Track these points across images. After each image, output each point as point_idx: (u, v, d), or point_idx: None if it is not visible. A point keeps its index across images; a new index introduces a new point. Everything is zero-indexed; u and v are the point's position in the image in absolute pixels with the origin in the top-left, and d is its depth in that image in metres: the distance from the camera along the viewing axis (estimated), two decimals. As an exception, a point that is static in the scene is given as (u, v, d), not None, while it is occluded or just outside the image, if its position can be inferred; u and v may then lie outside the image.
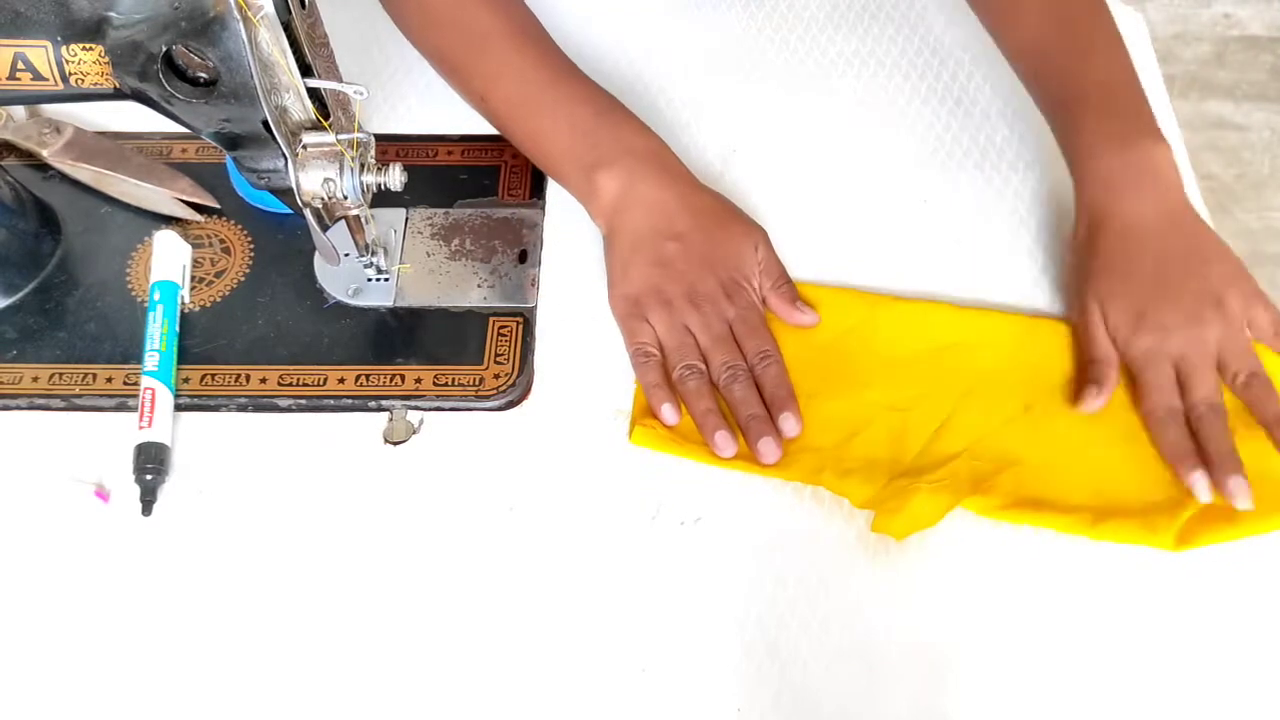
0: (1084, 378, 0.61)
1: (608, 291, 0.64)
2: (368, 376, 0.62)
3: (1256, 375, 0.58)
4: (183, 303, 0.64)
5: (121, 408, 0.61)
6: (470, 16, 0.67)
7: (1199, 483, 0.56)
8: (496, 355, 0.63)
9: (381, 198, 0.58)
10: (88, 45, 0.50)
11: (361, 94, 0.53)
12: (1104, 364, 0.60)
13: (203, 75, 0.51)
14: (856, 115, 0.74)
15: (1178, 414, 0.58)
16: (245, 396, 0.61)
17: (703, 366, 0.61)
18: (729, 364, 0.60)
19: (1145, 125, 0.63)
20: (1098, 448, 0.59)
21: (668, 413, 0.60)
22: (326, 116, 0.54)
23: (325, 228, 0.58)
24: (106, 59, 0.50)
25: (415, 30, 0.70)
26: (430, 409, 0.61)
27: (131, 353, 0.62)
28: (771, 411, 0.59)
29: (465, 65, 0.68)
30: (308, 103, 0.53)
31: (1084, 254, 0.63)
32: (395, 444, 0.60)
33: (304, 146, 0.54)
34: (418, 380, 0.62)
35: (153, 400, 0.59)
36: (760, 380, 0.60)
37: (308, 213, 0.56)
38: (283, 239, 0.67)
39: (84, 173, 0.68)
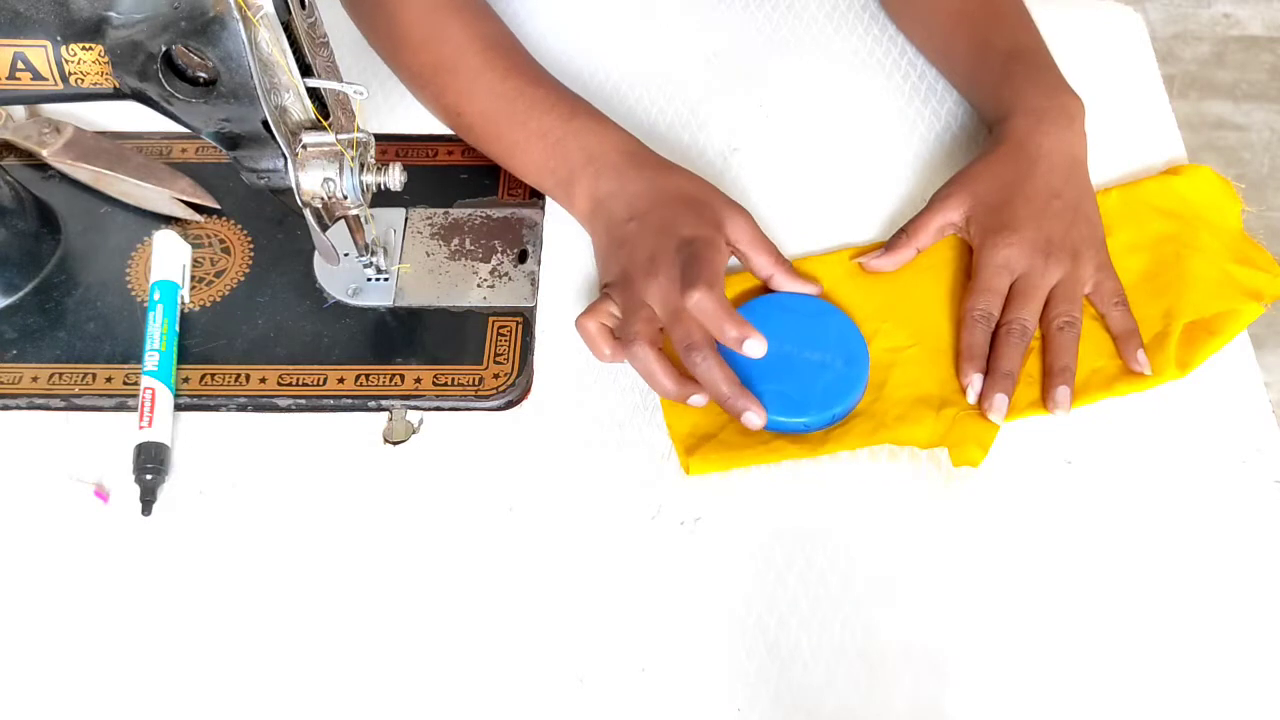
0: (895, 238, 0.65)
1: None
2: (367, 376, 0.62)
3: (1072, 324, 0.62)
4: (183, 302, 0.64)
5: (121, 407, 0.61)
6: (442, 34, 0.67)
7: (975, 384, 0.60)
8: (496, 355, 0.63)
9: (381, 197, 0.58)
10: (87, 45, 0.50)
11: (361, 94, 0.53)
12: (911, 243, 0.64)
13: (202, 75, 0.51)
14: (857, 115, 0.74)
15: (991, 321, 0.62)
16: (245, 396, 0.61)
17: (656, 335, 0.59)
18: (687, 340, 0.58)
19: (1063, 80, 0.68)
20: (1084, 316, 0.63)
21: (697, 400, 0.59)
22: (326, 116, 0.54)
23: (325, 228, 0.58)
24: (106, 59, 0.50)
25: (388, 50, 0.70)
26: (430, 409, 0.61)
27: (131, 353, 0.62)
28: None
29: (437, 82, 0.68)
30: (307, 102, 0.53)
31: (979, 157, 0.66)
32: (395, 444, 0.60)
33: (304, 146, 0.54)
34: (417, 380, 0.62)
35: (153, 400, 0.59)
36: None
37: (307, 213, 0.56)
38: (283, 239, 0.67)
39: (84, 173, 0.68)
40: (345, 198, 0.55)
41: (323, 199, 0.55)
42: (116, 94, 0.52)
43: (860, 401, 0.61)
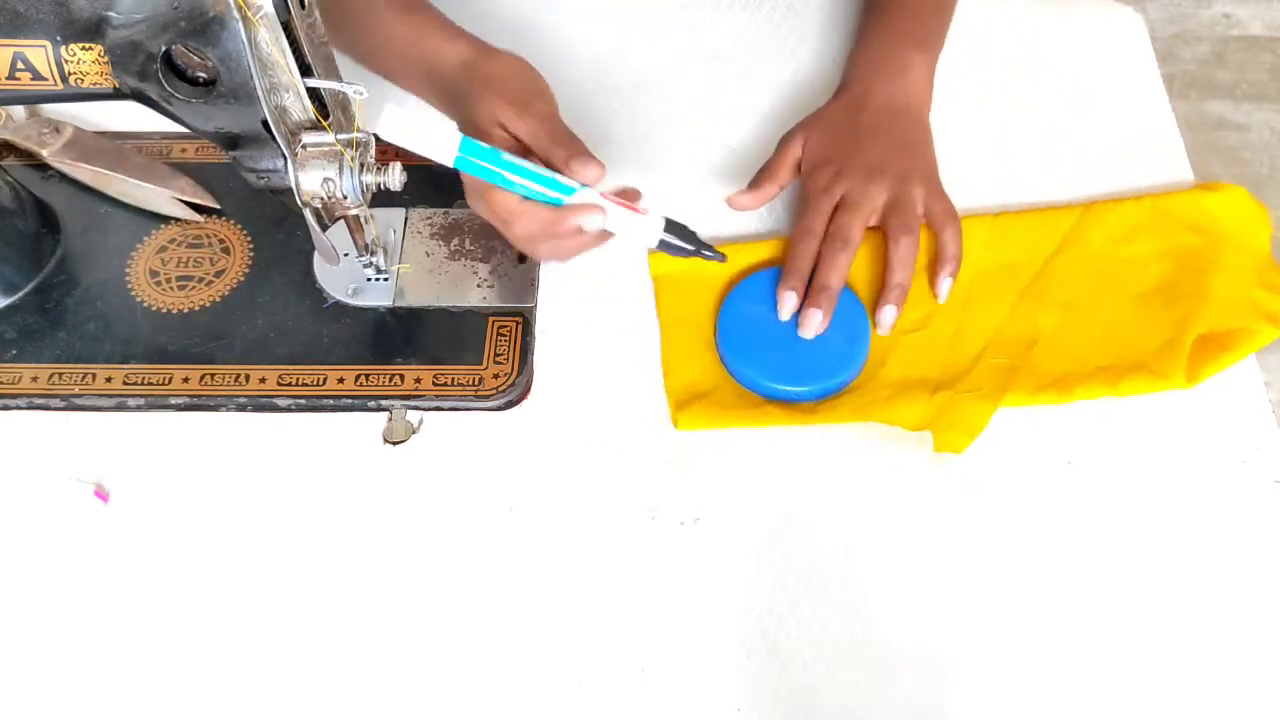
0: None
1: None
2: (367, 376, 0.62)
3: (908, 231, 0.63)
4: (183, 303, 0.64)
5: (121, 407, 0.61)
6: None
7: (788, 302, 0.62)
8: (496, 355, 0.63)
9: (381, 197, 0.58)
10: (87, 45, 0.50)
11: (361, 94, 0.53)
12: (771, 180, 0.68)
13: (202, 75, 0.51)
14: (856, 115, 0.74)
15: (815, 237, 0.64)
16: (245, 396, 0.61)
17: None
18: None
19: (922, 40, 0.71)
20: (1096, 315, 0.64)
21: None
22: (326, 116, 0.54)
23: (325, 228, 0.58)
24: (106, 59, 0.50)
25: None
26: (430, 409, 0.61)
27: (131, 353, 0.62)
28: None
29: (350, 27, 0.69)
30: (307, 102, 0.53)
31: (818, 110, 0.70)
32: (395, 444, 0.60)
33: (303, 146, 0.54)
34: (417, 380, 0.62)
35: (607, 203, 0.57)
36: None
37: (307, 213, 0.56)
38: (282, 239, 0.67)
39: (84, 173, 0.68)
40: (345, 198, 0.55)
41: (323, 199, 0.55)
42: (116, 94, 0.52)
43: (856, 378, 0.62)
